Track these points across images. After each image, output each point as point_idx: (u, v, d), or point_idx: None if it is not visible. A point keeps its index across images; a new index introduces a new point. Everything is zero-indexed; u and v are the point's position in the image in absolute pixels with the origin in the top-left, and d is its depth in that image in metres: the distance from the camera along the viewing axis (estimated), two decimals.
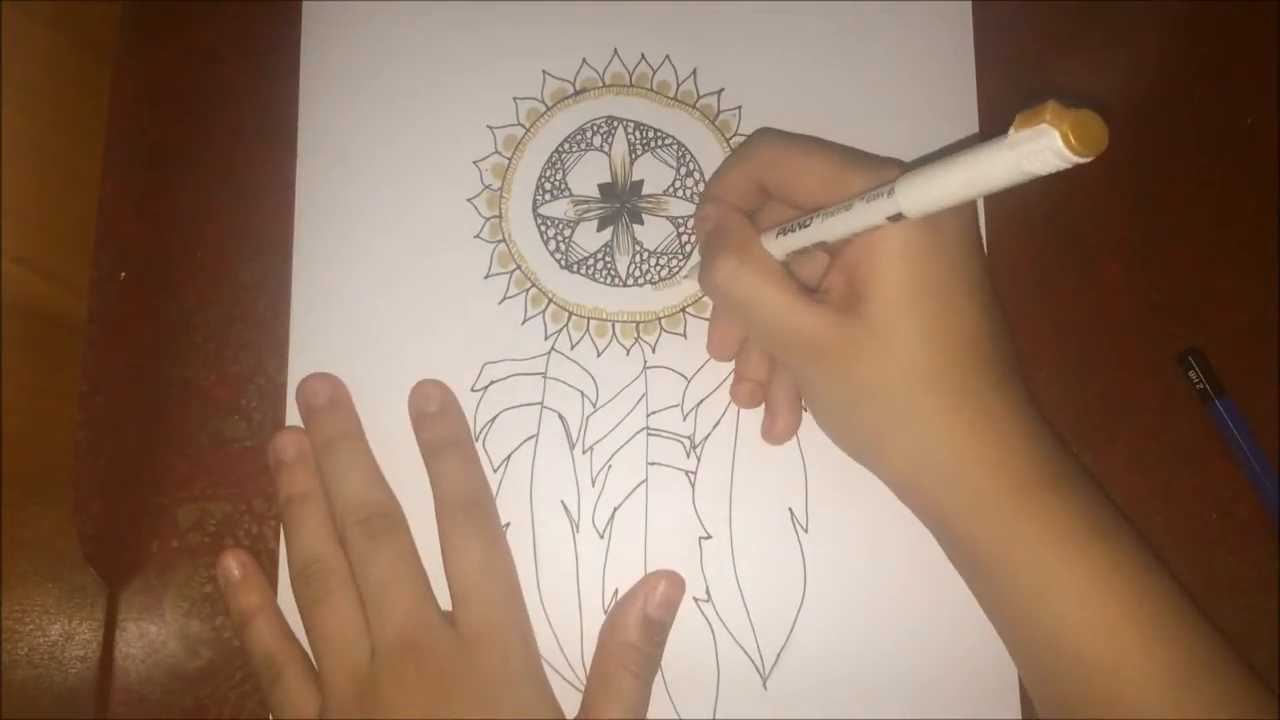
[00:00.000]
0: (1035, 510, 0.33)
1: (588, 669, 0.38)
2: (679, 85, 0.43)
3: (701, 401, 0.40)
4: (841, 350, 0.34)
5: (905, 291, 0.33)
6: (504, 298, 0.41)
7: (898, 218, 0.30)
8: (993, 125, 0.42)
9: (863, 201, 0.31)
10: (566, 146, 0.42)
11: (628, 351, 0.41)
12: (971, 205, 0.33)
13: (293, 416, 0.40)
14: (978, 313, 0.34)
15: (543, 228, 0.42)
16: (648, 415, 0.40)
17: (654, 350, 0.41)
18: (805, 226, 0.34)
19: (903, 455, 0.35)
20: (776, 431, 0.39)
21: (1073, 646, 0.33)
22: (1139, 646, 0.32)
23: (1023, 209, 0.42)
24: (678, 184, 0.42)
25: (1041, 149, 0.24)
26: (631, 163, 0.42)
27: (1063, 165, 0.25)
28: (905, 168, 0.31)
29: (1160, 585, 0.34)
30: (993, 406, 0.34)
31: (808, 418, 0.39)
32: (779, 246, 0.35)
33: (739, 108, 0.42)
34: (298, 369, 0.41)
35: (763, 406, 0.40)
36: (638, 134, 0.42)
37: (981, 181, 0.27)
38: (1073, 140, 0.24)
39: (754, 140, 0.38)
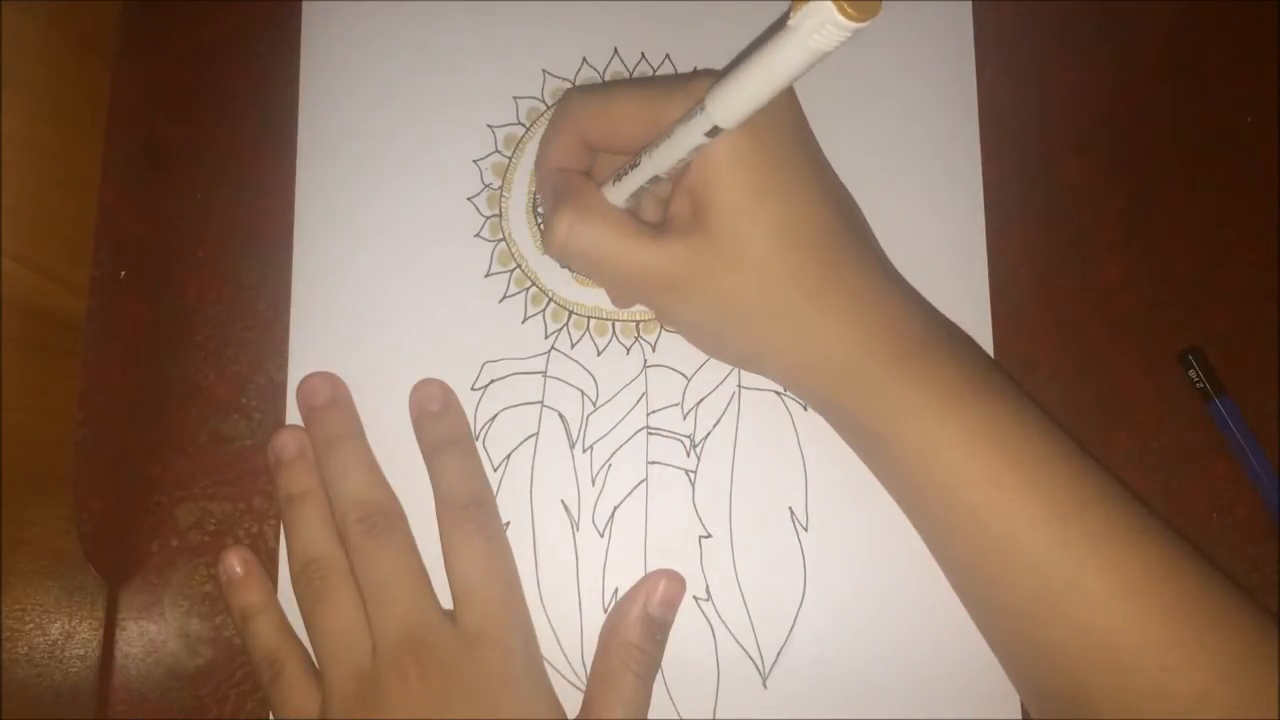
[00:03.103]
0: (908, 378, 0.34)
1: (588, 668, 0.38)
2: None
3: (701, 400, 0.40)
4: (694, 274, 0.34)
5: (745, 199, 0.33)
6: (504, 296, 0.41)
7: (715, 131, 0.31)
8: (993, 125, 0.42)
9: (681, 125, 0.32)
10: None
11: (628, 350, 0.41)
12: (789, 103, 0.34)
13: (293, 415, 0.40)
14: (818, 201, 0.35)
15: (543, 227, 0.42)
16: (648, 414, 0.40)
17: (654, 349, 0.41)
18: (636, 167, 0.34)
19: (779, 354, 0.36)
20: None
21: (963, 501, 0.34)
22: (1023, 490, 0.33)
23: (1023, 209, 0.42)
24: None
25: (822, 24, 0.25)
26: None
27: (846, 35, 0.26)
28: (714, 79, 0.32)
29: (1039, 430, 0.34)
30: (851, 289, 0.34)
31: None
32: (617, 194, 0.35)
33: None
34: (298, 367, 0.41)
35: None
36: None
37: (781, 72, 0.28)
38: (848, 9, 0.25)
39: (564, 103, 0.38)
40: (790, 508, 0.40)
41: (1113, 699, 0.32)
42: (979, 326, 0.41)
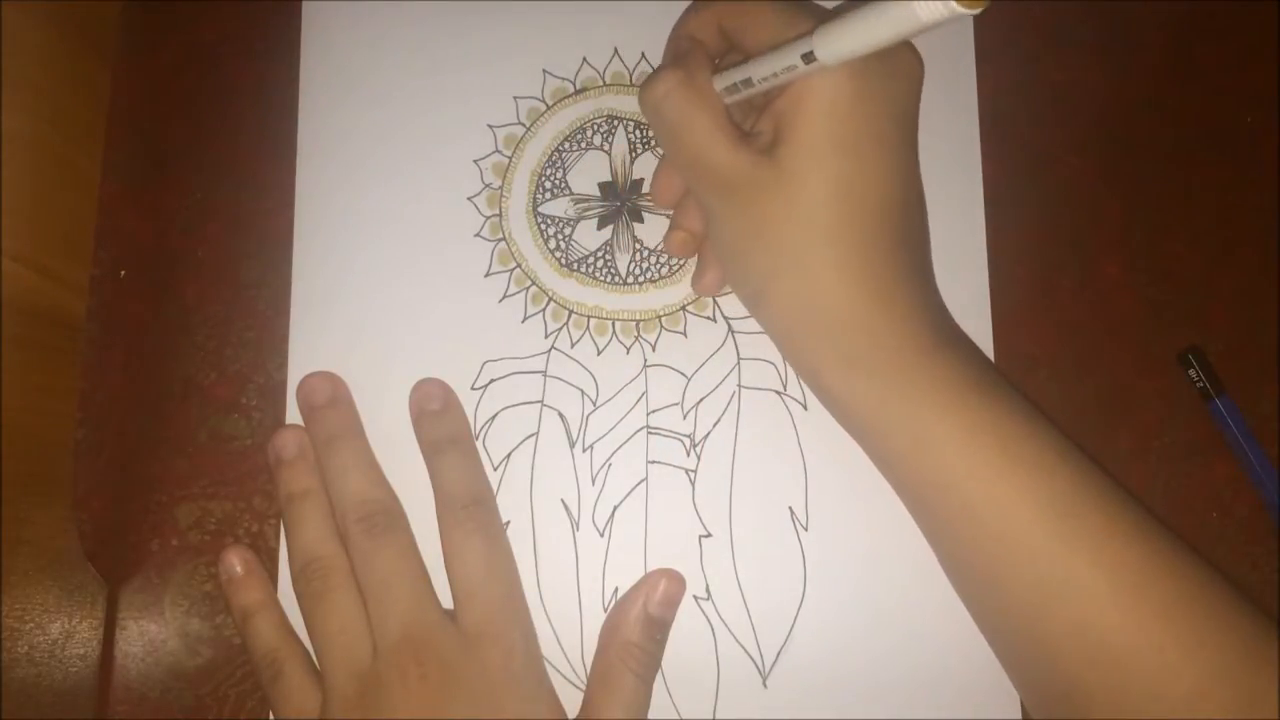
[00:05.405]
0: (909, 372, 0.34)
1: (588, 667, 0.38)
2: None
3: (702, 400, 0.40)
4: (750, 189, 0.34)
5: (823, 144, 0.33)
6: (504, 296, 0.41)
7: (810, 58, 0.32)
8: (993, 125, 0.42)
9: (789, 43, 0.33)
10: (567, 145, 0.42)
11: (628, 350, 0.41)
12: (912, 75, 0.35)
13: (293, 414, 0.40)
14: (891, 179, 0.35)
15: (543, 226, 0.42)
16: (648, 414, 0.40)
17: (654, 349, 0.41)
18: (740, 64, 0.35)
19: (785, 301, 0.35)
20: (705, 283, 0.40)
21: (961, 494, 0.34)
22: (1024, 484, 0.33)
23: (1023, 209, 0.42)
24: None
25: (936, 5, 0.28)
26: (632, 161, 0.42)
27: (950, 16, 0.28)
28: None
29: (1040, 429, 0.34)
30: (882, 271, 0.34)
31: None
32: (719, 81, 0.36)
33: None
34: (298, 367, 0.41)
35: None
36: (638, 132, 0.42)
37: (884, 32, 0.30)
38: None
39: None
40: (790, 508, 0.40)
41: (1109, 697, 0.32)
42: (979, 326, 0.41)
